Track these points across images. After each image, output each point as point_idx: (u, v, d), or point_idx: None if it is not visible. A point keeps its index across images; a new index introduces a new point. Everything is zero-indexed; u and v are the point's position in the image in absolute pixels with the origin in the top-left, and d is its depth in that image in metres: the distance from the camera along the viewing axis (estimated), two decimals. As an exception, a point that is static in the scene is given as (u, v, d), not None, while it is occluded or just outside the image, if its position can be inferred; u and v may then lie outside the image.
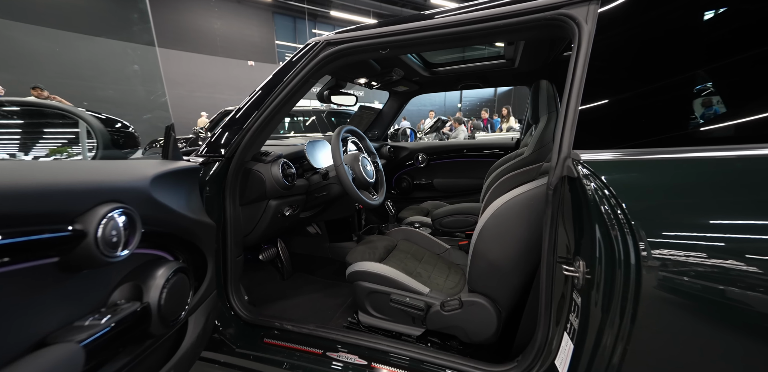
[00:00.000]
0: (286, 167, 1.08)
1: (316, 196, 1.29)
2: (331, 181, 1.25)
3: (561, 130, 0.63)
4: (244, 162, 0.98)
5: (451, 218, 1.50)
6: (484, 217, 0.86)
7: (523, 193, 0.79)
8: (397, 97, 2.07)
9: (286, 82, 0.93)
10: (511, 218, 0.81)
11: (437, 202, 2.12)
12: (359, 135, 1.40)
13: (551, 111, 1.45)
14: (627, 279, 0.48)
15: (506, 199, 0.82)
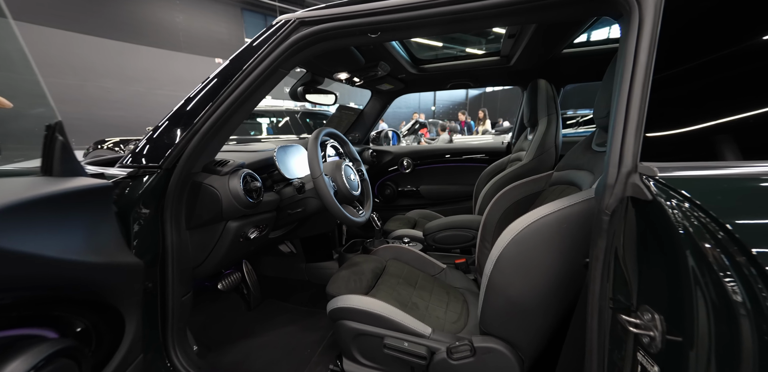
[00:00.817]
0: (250, 180, 0.85)
1: (289, 212, 1.07)
2: (307, 195, 1.04)
3: (619, 137, 0.48)
4: (190, 174, 0.75)
5: (446, 233, 1.33)
6: (501, 242, 0.69)
7: (552, 213, 0.63)
8: (381, 96, 1.89)
9: (247, 71, 0.71)
10: (538, 245, 0.64)
11: (424, 210, 1.96)
12: (340, 139, 1.19)
13: (551, 113, 1.34)
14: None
15: (530, 220, 0.65)
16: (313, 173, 0.93)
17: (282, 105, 4.68)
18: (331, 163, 1.07)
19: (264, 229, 0.99)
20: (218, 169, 0.80)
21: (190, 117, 0.71)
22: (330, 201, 0.93)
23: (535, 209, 0.67)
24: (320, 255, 1.47)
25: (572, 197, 0.63)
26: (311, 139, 0.98)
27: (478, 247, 1.12)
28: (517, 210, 1.02)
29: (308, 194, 1.03)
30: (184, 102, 0.74)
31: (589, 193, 0.60)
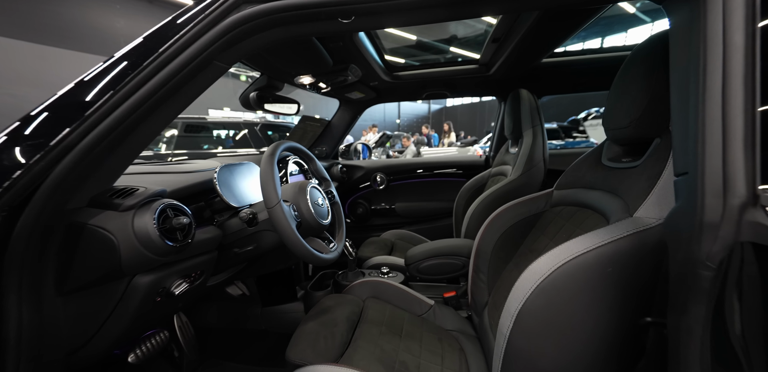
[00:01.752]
0: (172, 214, 0.59)
1: (236, 251, 0.81)
2: (261, 229, 0.80)
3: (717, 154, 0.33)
4: (63, 212, 0.48)
5: (431, 262, 1.15)
6: (521, 291, 0.52)
7: (588, 250, 0.47)
8: (350, 106, 1.71)
9: (165, 58, 0.48)
10: (575, 296, 0.48)
11: (401, 231, 1.77)
12: (304, 154, 0.97)
13: (535, 124, 1.25)
14: None
15: (558, 260, 0.49)
16: (268, 200, 0.70)
17: (241, 117, 4.27)
18: (293, 185, 0.85)
19: (198, 277, 0.73)
20: (116, 201, 0.54)
21: (60, 122, 0.45)
22: (291, 236, 0.70)
23: (564, 245, 0.51)
24: (280, 295, 1.19)
25: (610, 229, 0.48)
26: (266, 156, 0.75)
27: (471, 279, 0.95)
28: (515, 235, 0.88)
29: (262, 227, 0.79)
30: (57, 98, 0.48)
31: (634, 224, 0.46)
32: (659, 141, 0.54)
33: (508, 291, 0.84)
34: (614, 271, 0.45)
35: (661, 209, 0.45)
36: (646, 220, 0.46)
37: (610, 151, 0.70)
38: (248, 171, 0.94)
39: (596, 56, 1.25)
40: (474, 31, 3.60)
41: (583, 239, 0.49)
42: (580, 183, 0.75)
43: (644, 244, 0.44)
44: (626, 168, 0.60)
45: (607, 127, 0.64)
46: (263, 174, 0.71)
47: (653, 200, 0.47)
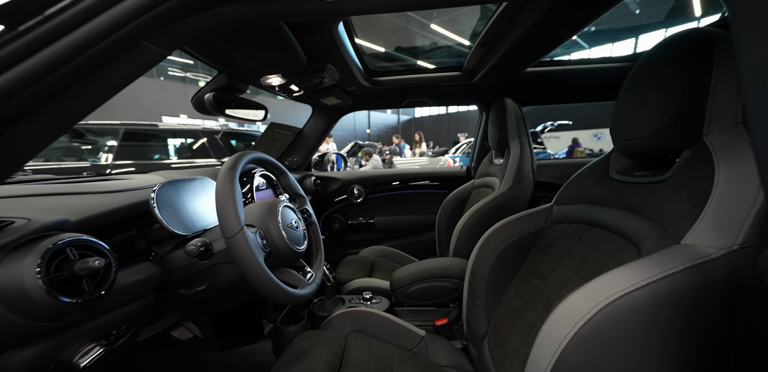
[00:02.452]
0: (75, 255, 0.41)
1: (182, 293, 0.62)
2: (217, 261, 0.62)
3: None
4: None
5: (421, 285, 1.03)
6: (555, 339, 0.41)
7: (637, 288, 0.38)
8: (325, 113, 1.57)
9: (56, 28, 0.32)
10: (627, 348, 0.38)
11: (380, 247, 1.64)
12: (273, 167, 0.82)
13: (522, 135, 1.20)
14: None
15: (599, 299, 0.39)
16: (227, 228, 0.54)
17: (200, 124, 3.85)
18: (261, 205, 0.69)
19: (122, 334, 0.54)
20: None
21: None
22: (257, 272, 0.54)
23: (601, 279, 0.42)
24: (242, 334, 0.99)
25: (657, 260, 0.39)
26: (224, 170, 0.59)
27: (467, 305, 0.84)
28: (514, 254, 0.79)
29: (219, 260, 0.62)
30: None
31: (689, 255, 0.38)
32: (689, 153, 0.47)
33: (511, 320, 0.74)
34: (674, 315, 0.36)
35: (721, 236, 0.37)
36: (703, 249, 0.38)
37: (619, 163, 0.64)
38: (201, 188, 0.76)
39: (578, 67, 1.25)
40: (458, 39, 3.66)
41: (624, 272, 0.40)
42: (586, 198, 0.68)
43: (709, 281, 0.36)
44: (647, 183, 0.53)
45: (617, 138, 0.58)
46: (220, 193, 0.55)
47: (707, 225, 0.39)
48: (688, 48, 0.47)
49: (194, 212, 0.69)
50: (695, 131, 0.46)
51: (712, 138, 0.45)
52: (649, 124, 0.50)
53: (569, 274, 0.61)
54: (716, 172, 0.41)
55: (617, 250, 0.53)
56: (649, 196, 0.51)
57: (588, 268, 0.57)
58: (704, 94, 0.45)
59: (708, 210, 0.40)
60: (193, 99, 0.90)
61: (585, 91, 1.42)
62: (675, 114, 0.47)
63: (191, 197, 0.71)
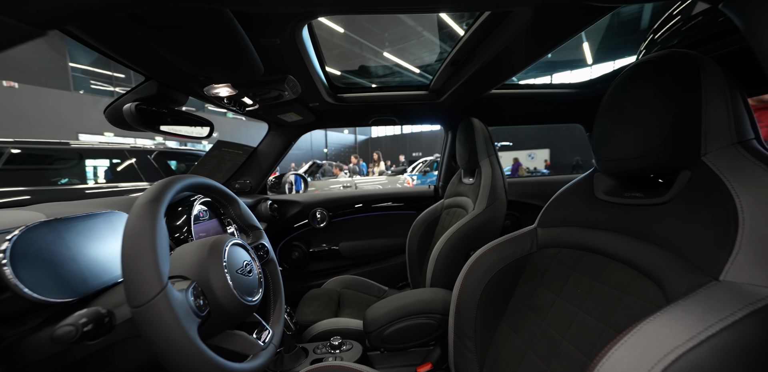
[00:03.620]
0: None
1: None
2: (120, 338, 0.43)
3: None
4: None
5: (399, 325, 0.90)
6: None
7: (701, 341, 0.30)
8: (283, 131, 1.43)
9: None
10: None
11: (347, 276, 1.48)
12: (219, 194, 0.65)
13: (491, 154, 1.20)
14: None
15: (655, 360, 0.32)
16: (136, 290, 0.36)
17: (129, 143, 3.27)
18: (198, 246, 0.52)
19: None
20: None
21: None
22: (184, 350, 0.37)
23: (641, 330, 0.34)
24: None
25: (706, 302, 0.33)
26: (141, 202, 0.42)
27: (454, 347, 0.73)
28: (502, 284, 0.71)
29: (122, 335, 0.43)
30: None
31: (742, 297, 0.32)
32: (689, 174, 0.45)
33: (510, 367, 0.63)
34: None
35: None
36: (755, 289, 0.32)
37: (603, 184, 0.62)
38: (107, 227, 0.56)
39: (536, 91, 1.32)
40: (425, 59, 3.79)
41: (670, 321, 0.33)
42: (573, 221, 0.64)
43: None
44: (644, 205, 0.50)
45: (603, 158, 0.55)
46: (130, 238, 0.38)
47: (749, 257, 0.34)
48: (671, 67, 0.47)
49: (89, 264, 0.49)
50: (693, 151, 0.44)
51: (712, 158, 0.43)
52: (641, 143, 0.47)
53: (573, 310, 0.54)
54: (734, 196, 0.38)
55: (628, 282, 0.47)
56: (654, 220, 0.47)
57: (596, 303, 0.51)
58: (696, 113, 0.44)
59: (743, 239, 0.35)
60: (107, 110, 0.70)
61: (541, 113, 1.50)
62: (671, 133, 0.45)
63: (87, 241, 0.51)
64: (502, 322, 0.69)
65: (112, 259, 0.53)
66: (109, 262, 0.52)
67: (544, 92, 1.32)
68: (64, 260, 0.46)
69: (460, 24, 7.76)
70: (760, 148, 0.42)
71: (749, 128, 0.43)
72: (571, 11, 0.64)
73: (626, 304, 0.46)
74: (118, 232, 0.57)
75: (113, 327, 0.41)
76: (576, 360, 0.49)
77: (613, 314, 0.47)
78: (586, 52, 8.18)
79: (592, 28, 0.74)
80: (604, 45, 8.36)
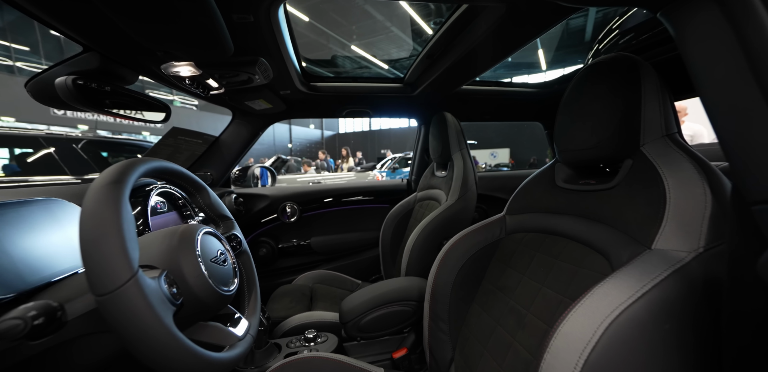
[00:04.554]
0: None
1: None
2: (72, 335, 0.38)
3: None
4: None
5: (376, 314, 0.90)
6: (565, 369, 0.37)
7: (637, 298, 0.36)
8: (249, 120, 1.34)
9: None
10: (639, 364, 0.36)
11: (319, 271, 1.45)
12: (187, 180, 0.60)
13: (462, 148, 1.24)
14: None
15: (602, 317, 0.37)
16: (103, 277, 0.32)
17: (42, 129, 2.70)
18: (166, 234, 0.47)
19: None
20: None
21: None
22: (161, 340, 0.34)
23: (594, 294, 0.39)
24: None
25: (639, 268, 0.39)
26: (100, 184, 0.37)
27: (429, 330, 0.76)
28: (474, 269, 0.75)
29: (73, 332, 0.37)
30: None
31: (666, 260, 0.39)
32: (631, 162, 0.51)
33: (481, 343, 0.67)
34: (671, 328, 0.35)
35: (687, 240, 0.39)
36: (676, 253, 0.39)
37: (563, 173, 0.67)
38: (45, 216, 0.48)
39: (505, 89, 1.38)
40: (393, 55, 3.71)
41: (615, 284, 0.38)
42: (537, 207, 0.70)
43: (691, 286, 0.36)
44: (597, 191, 0.56)
45: (563, 149, 0.61)
46: (91, 221, 0.34)
47: (673, 229, 0.41)
48: (619, 68, 0.53)
49: (24, 258, 0.42)
50: (634, 142, 0.51)
51: (649, 148, 0.50)
52: (595, 135, 0.53)
53: (537, 286, 0.59)
54: (664, 179, 0.45)
55: (582, 258, 0.53)
56: (603, 203, 0.54)
57: (556, 278, 0.56)
58: (638, 109, 0.50)
59: (668, 214, 0.42)
60: (29, 84, 0.60)
61: (506, 110, 1.59)
62: (618, 126, 0.51)
63: (21, 232, 0.44)
64: (473, 304, 0.73)
65: (54, 251, 0.46)
66: (50, 256, 0.45)
67: (509, 90, 1.39)
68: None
69: (428, 22, 7.85)
70: (680, 140, 0.49)
71: (674, 123, 0.51)
72: (540, 10, 0.69)
73: (581, 277, 0.51)
74: (61, 222, 0.50)
75: (64, 323, 0.36)
76: (538, 329, 0.54)
77: (569, 286, 0.52)
78: (541, 59, 8.86)
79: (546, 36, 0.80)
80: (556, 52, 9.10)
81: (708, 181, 0.42)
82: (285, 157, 5.89)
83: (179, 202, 0.87)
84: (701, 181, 0.42)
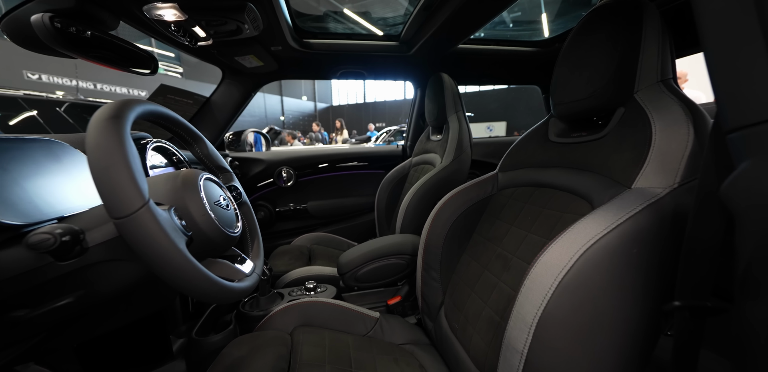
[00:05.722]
0: None
1: (18, 318, 0.38)
2: (93, 260, 0.40)
3: None
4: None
5: (372, 266, 0.96)
6: (539, 293, 0.42)
7: (612, 229, 0.40)
8: (240, 79, 1.29)
9: None
10: (603, 289, 0.41)
11: (316, 234, 1.50)
12: (183, 129, 0.59)
13: (458, 110, 1.23)
14: None
15: (579, 246, 0.41)
16: (119, 201, 0.34)
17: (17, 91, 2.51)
18: (169, 178, 0.48)
19: None
20: None
21: None
22: (179, 262, 0.37)
23: (575, 228, 0.43)
24: (136, 358, 0.74)
25: (618, 205, 0.42)
26: (101, 118, 0.37)
27: (422, 279, 0.82)
28: (466, 223, 0.79)
29: (94, 257, 0.40)
30: None
31: (643, 196, 0.42)
32: (623, 110, 0.52)
33: (469, 286, 0.73)
34: (639, 251, 0.39)
35: (665, 177, 0.42)
36: (653, 190, 0.42)
37: (556, 127, 0.69)
38: (48, 156, 0.49)
39: (502, 48, 1.34)
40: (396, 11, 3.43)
41: (595, 219, 0.42)
42: (529, 163, 0.72)
43: (662, 217, 0.40)
44: (587, 142, 0.58)
45: (558, 102, 0.61)
46: (97, 152, 0.34)
47: (652, 169, 0.44)
48: (622, 11, 0.51)
49: (38, 192, 0.44)
50: (628, 89, 0.51)
51: (642, 95, 0.50)
52: (590, 84, 0.53)
53: (523, 233, 0.62)
54: (652, 123, 0.46)
55: (567, 204, 0.56)
56: (592, 152, 0.55)
57: (542, 225, 0.59)
58: (635, 55, 0.49)
59: (651, 155, 0.44)
60: (3, 21, 0.55)
61: (504, 73, 1.55)
62: (614, 74, 0.51)
63: (28, 168, 0.44)
64: (464, 255, 0.78)
65: (61, 190, 0.47)
66: (58, 194, 0.47)
67: (507, 49, 1.34)
68: (5, 183, 0.40)
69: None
70: (674, 85, 0.49)
71: (669, 69, 0.51)
72: None
73: (564, 221, 0.54)
74: (64, 163, 0.50)
75: (86, 249, 0.38)
76: (523, 270, 0.58)
77: (553, 230, 0.56)
78: (543, 18, 8.34)
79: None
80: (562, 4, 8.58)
81: (693, 122, 0.43)
82: (277, 129, 5.76)
83: (174, 158, 0.87)
84: (687, 123, 0.43)
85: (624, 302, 0.40)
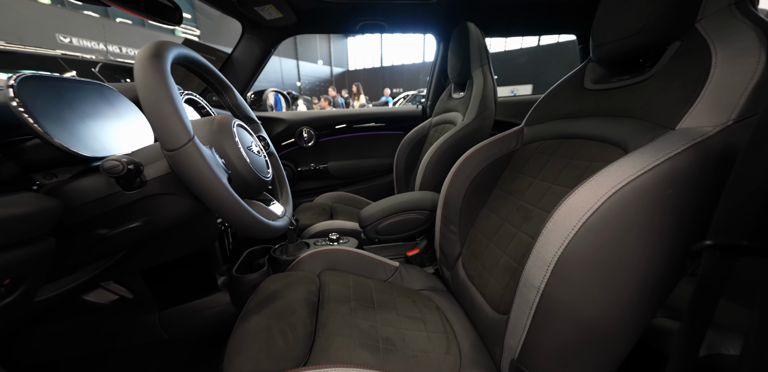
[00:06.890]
0: None
1: (102, 235, 0.45)
2: (152, 192, 0.45)
3: None
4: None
5: (392, 220, 1.01)
6: (561, 234, 0.41)
7: (643, 172, 0.37)
8: (260, 34, 1.25)
9: None
10: (630, 230, 0.38)
11: (336, 193, 1.56)
12: (213, 76, 0.61)
13: (484, 63, 1.15)
14: None
15: (608, 188, 0.39)
16: (169, 135, 0.37)
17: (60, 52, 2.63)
18: (206, 121, 0.51)
19: (7, 292, 0.37)
20: None
21: None
22: (224, 195, 0.41)
23: (606, 171, 0.40)
24: (189, 288, 0.86)
25: (659, 146, 0.39)
26: (144, 56, 0.39)
27: (440, 232, 0.86)
28: (487, 178, 0.79)
29: (153, 190, 0.45)
30: None
31: (687, 136, 0.38)
32: (678, 44, 0.46)
33: (487, 237, 0.75)
34: (675, 192, 0.37)
35: (718, 115, 0.38)
36: (700, 129, 0.38)
37: (594, 73, 0.63)
38: (100, 98, 0.52)
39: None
40: None
41: (628, 161, 0.39)
42: (559, 114, 0.68)
43: (707, 156, 0.36)
44: (630, 85, 0.52)
45: (599, 43, 0.55)
46: (147, 89, 0.37)
47: (704, 106, 0.39)
48: None
49: (100, 129, 0.48)
50: (689, 18, 0.44)
51: (705, 23, 0.43)
52: (643, 17, 0.46)
53: (547, 185, 0.61)
54: (713, 54, 0.40)
55: (598, 153, 0.53)
56: (634, 96, 0.50)
57: (568, 175, 0.57)
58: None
59: (706, 91, 0.40)
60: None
61: (538, 20, 1.39)
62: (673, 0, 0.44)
63: (89, 107, 0.48)
64: (484, 209, 0.79)
65: (117, 133, 0.51)
66: (115, 136, 0.51)
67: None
68: (74, 119, 0.44)
69: None
70: (750, 8, 0.42)
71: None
72: None
73: (593, 170, 0.51)
74: (116, 108, 0.54)
75: (145, 182, 0.43)
76: (544, 219, 0.57)
77: (580, 180, 0.51)
78: None
79: None
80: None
81: (767, 49, 0.37)
82: (295, 93, 5.68)
83: (203, 111, 0.90)
84: (759, 49, 0.37)
85: (648, 242, 0.38)
